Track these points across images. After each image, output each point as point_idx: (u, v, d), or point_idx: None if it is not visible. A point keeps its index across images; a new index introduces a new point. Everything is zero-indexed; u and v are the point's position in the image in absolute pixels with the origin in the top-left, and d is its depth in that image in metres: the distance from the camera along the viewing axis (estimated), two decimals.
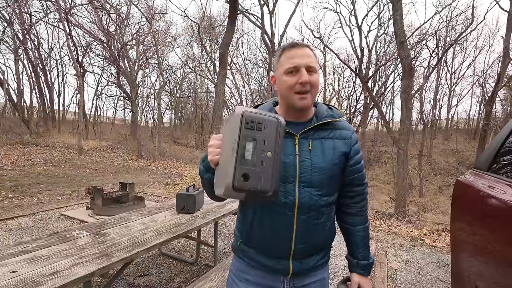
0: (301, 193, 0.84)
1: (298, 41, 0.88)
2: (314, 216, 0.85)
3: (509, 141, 1.56)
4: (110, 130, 20.08)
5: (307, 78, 0.81)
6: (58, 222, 3.78)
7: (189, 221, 2.01)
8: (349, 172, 0.91)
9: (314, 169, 0.84)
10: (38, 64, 15.36)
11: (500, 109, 18.11)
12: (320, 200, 0.85)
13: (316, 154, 0.86)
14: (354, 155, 0.91)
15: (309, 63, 0.83)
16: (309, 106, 0.86)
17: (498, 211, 1.28)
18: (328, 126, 0.90)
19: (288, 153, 0.85)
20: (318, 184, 0.85)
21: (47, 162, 9.56)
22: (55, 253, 1.37)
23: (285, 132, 0.81)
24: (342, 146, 0.89)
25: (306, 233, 0.86)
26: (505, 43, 11.03)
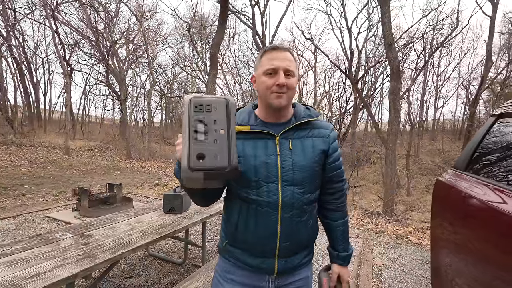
0: (284, 191, 0.86)
1: (280, 45, 0.91)
2: (297, 214, 0.88)
3: (485, 142, 1.63)
4: (99, 130, 19.68)
5: (283, 80, 0.85)
6: (43, 224, 3.69)
7: (176, 221, 2.00)
8: (328, 169, 0.95)
9: (296, 167, 0.87)
10: (22, 61, 14.93)
11: (484, 111, 18.72)
12: (302, 198, 0.88)
13: (297, 153, 0.88)
14: (333, 153, 0.94)
15: (287, 66, 0.86)
16: (285, 106, 0.89)
17: (475, 210, 1.34)
18: (307, 126, 0.93)
19: (269, 154, 0.88)
20: (300, 182, 0.87)
21: (32, 162, 9.31)
22: (37, 255, 1.35)
23: (265, 133, 0.89)
24: (320, 144, 0.92)
25: (290, 231, 0.88)
26: (488, 47, 11.43)
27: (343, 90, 21.45)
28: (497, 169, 1.47)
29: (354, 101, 17.48)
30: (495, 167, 1.50)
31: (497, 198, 1.23)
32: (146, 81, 20.12)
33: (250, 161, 0.87)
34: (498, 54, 17.47)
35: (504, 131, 1.52)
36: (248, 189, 0.88)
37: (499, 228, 1.12)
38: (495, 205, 1.19)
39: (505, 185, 1.27)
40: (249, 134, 0.90)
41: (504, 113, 1.56)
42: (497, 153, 1.52)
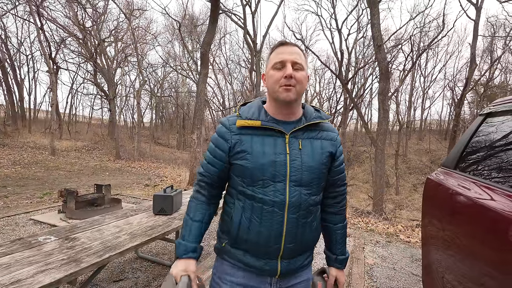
0: (292, 192, 0.85)
1: (288, 40, 0.90)
2: (303, 215, 0.87)
3: (474, 141, 1.66)
4: (87, 130, 19.20)
5: (291, 71, 0.83)
6: (26, 227, 3.55)
7: (166, 223, 1.95)
8: (333, 172, 0.95)
9: (304, 168, 0.86)
10: (5, 59, 14.40)
11: (468, 111, 19.30)
12: (309, 199, 0.87)
13: (306, 153, 0.87)
14: (339, 156, 0.95)
15: (295, 59, 0.84)
16: (293, 101, 0.86)
17: (464, 207, 1.35)
18: (316, 127, 0.92)
19: (279, 152, 0.85)
20: (308, 183, 0.86)
21: (16, 163, 8.98)
22: (18, 260, 1.28)
23: (275, 130, 0.87)
24: (329, 147, 0.92)
25: (295, 232, 0.87)
26: (472, 50, 11.78)
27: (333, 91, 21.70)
28: (485, 167, 1.50)
29: (344, 102, 17.71)
30: (483, 165, 1.52)
31: (485, 195, 1.26)
32: (135, 80, 19.78)
33: (258, 158, 0.84)
34: (481, 57, 18.08)
35: (492, 130, 1.55)
36: (254, 187, 0.85)
37: (487, 225, 1.14)
38: (483, 202, 1.21)
39: (492, 183, 1.29)
40: (259, 130, 0.87)
41: (492, 112, 1.59)
42: (485, 152, 1.55)
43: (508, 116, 1.44)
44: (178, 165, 12.01)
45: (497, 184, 1.26)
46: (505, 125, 1.44)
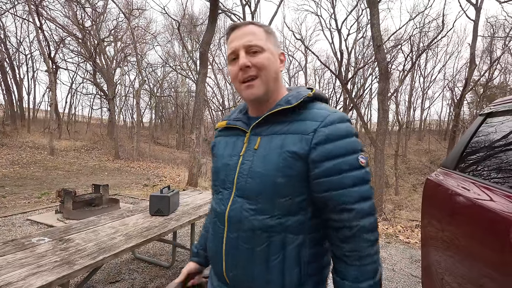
0: (233, 203, 0.68)
1: (241, 22, 0.72)
2: (245, 238, 0.65)
3: (474, 141, 1.64)
4: (86, 130, 19.16)
5: (244, 60, 0.66)
6: (23, 227, 3.53)
7: (162, 224, 1.93)
8: (315, 186, 0.64)
9: (250, 174, 0.66)
10: (4, 58, 14.37)
11: (468, 112, 19.31)
12: (252, 218, 0.65)
13: (260, 154, 0.67)
14: (323, 160, 0.62)
15: (248, 41, 0.67)
16: (260, 96, 0.68)
17: (463, 208, 1.34)
18: (287, 118, 0.68)
19: (234, 153, 0.71)
20: (252, 196, 0.65)
21: (14, 163, 8.95)
22: (9, 262, 1.26)
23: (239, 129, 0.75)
24: (292, 144, 0.64)
25: (236, 259, 0.67)
26: (472, 50, 11.78)
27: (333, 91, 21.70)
28: (485, 168, 1.48)
29: (344, 102, 17.70)
30: (483, 166, 1.51)
31: (485, 196, 1.24)
32: (135, 80, 19.77)
33: (217, 161, 0.76)
34: (481, 57, 18.08)
35: (492, 130, 1.53)
36: (212, 194, 0.78)
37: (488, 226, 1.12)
38: (483, 202, 1.20)
39: (492, 183, 1.27)
40: (227, 130, 0.78)
41: (492, 112, 1.57)
42: (486, 152, 1.53)
43: (508, 116, 1.42)
44: (177, 165, 11.99)
45: (497, 184, 1.24)
46: (505, 125, 1.43)
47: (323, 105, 0.70)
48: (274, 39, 0.72)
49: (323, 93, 0.76)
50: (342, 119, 0.65)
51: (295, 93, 0.71)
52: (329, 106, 0.71)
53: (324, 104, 0.73)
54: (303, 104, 0.68)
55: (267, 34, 0.70)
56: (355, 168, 0.62)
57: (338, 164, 0.62)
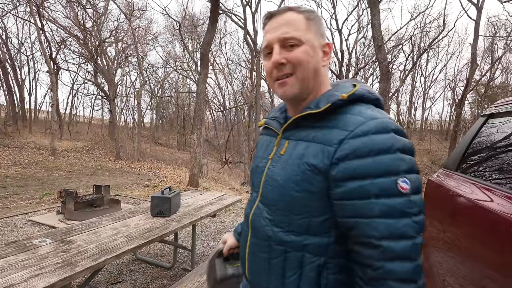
0: (256, 208, 0.66)
1: (279, 8, 0.63)
2: (262, 246, 0.62)
3: (475, 142, 1.63)
4: (87, 130, 19.20)
5: (277, 57, 0.58)
6: (24, 228, 3.54)
7: (164, 225, 1.93)
8: (337, 208, 0.53)
9: (271, 181, 0.62)
10: (6, 59, 14.41)
11: (469, 112, 19.25)
12: (268, 228, 0.60)
13: (284, 160, 0.61)
14: (345, 179, 0.51)
15: (283, 34, 0.58)
16: (295, 95, 0.61)
17: (465, 209, 1.34)
18: (317, 122, 0.59)
19: (265, 155, 0.68)
20: (271, 204, 0.61)
21: (16, 164, 8.98)
22: (11, 264, 1.26)
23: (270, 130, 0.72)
24: (313, 155, 0.55)
25: (254, 265, 0.65)
26: (473, 50, 11.74)
27: None
28: (487, 169, 1.48)
29: None
30: (485, 167, 1.50)
31: (487, 197, 1.24)
32: (136, 80, 19.80)
33: (253, 163, 0.74)
34: (482, 57, 18.03)
35: (494, 131, 1.53)
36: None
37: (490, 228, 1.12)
38: (484, 204, 1.20)
39: (494, 184, 1.27)
40: (265, 129, 0.75)
41: (493, 113, 1.57)
42: (487, 153, 1.53)
43: (510, 117, 1.42)
44: (178, 166, 11.99)
45: (499, 186, 1.24)
46: (507, 126, 1.42)
47: (363, 109, 0.56)
48: (317, 27, 0.61)
49: (369, 90, 0.61)
50: (381, 128, 0.51)
51: (330, 93, 0.60)
52: (373, 110, 0.56)
53: (367, 107, 0.58)
54: (335, 108, 0.57)
55: (308, 22, 0.60)
56: (389, 195, 0.48)
57: (365, 186, 0.49)
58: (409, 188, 0.49)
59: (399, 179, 0.49)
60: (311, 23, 0.60)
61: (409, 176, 0.50)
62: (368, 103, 0.60)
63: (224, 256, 0.88)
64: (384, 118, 0.53)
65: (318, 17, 0.62)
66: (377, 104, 0.61)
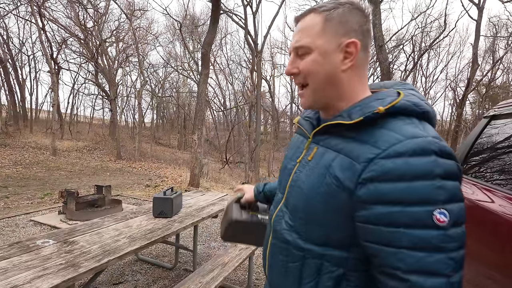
0: (280, 210, 0.65)
1: (303, 12, 0.59)
2: (281, 249, 0.61)
3: (478, 144, 1.63)
4: (88, 130, 19.23)
5: (288, 67, 0.59)
6: (26, 228, 3.55)
7: (166, 226, 1.94)
8: (361, 231, 0.49)
9: (295, 187, 0.60)
10: (7, 59, 14.44)
11: (470, 112, 19.23)
12: (287, 233, 0.59)
13: (310, 167, 0.58)
14: (372, 202, 0.46)
15: (295, 43, 0.57)
16: (313, 107, 0.60)
17: (468, 211, 1.34)
18: (348, 132, 0.54)
19: (295, 157, 0.65)
20: (293, 209, 0.60)
21: (17, 164, 8.99)
22: (15, 265, 1.27)
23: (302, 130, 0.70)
24: (340, 169, 0.51)
25: (273, 266, 0.65)
26: (474, 50, 11.73)
27: None
28: (490, 170, 1.48)
29: None
30: (488, 168, 1.50)
31: (490, 198, 1.24)
32: (136, 80, 19.81)
33: (283, 161, 0.73)
34: (483, 57, 18.00)
35: (497, 133, 1.53)
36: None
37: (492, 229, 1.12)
38: (486, 205, 1.20)
39: (497, 186, 1.27)
40: (298, 129, 0.72)
41: (496, 114, 1.57)
42: (490, 154, 1.52)
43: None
44: (179, 166, 12.00)
45: (502, 187, 1.24)
46: (510, 128, 1.42)
47: (401, 124, 0.49)
48: (336, 27, 0.54)
49: (416, 102, 0.53)
50: (420, 150, 0.44)
51: (367, 101, 0.55)
52: (415, 126, 0.49)
53: (408, 121, 0.50)
54: (369, 120, 0.51)
55: (325, 24, 0.54)
56: (423, 226, 0.43)
57: (394, 214, 0.44)
58: (447, 221, 0.43)
59: (436, 210, 0.43)
60: (328, 24, 0.55)
61: (449, 206, 0.43)
62: (411, 116, 0.52)
63: (241, 203, 0.94)
64: (426, 137, 0.46)
65: (341, 14, 0.54)
66: (424, 118, 0.53)
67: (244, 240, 0.97)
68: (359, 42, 0.55)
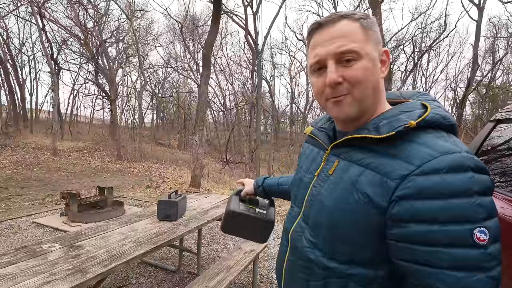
0: (297, 226, 0.62)
1: (328, 17, 0.54)
2: (301, 267, 0.59)
3: (484, 148, 1.63)
4: (88, 131, 19.22)
5: (334, 76, 0.51)
6: (29, 230, 3.54)
7: (171, 229, 1.93)
8: (393, 248, 0.48)
9: (316, 203, 0.58)
10: (7, 59, 14.42)
11: (470, 112, 19.24)
12: (309, 250, 0.57)
13: (332, 182, 0.56)
14: (407, 220, 0.45)
15: (339, 48, 0.51)
16: (352, 116, 0.55)
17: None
18: (374, 145, 0.52)
19: (311, 169, 0.63)
20: (314, 226, 0.57)
21: (18, 164, 8.98)
22: (23, 270, 1.26)
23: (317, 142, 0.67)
24: (370, 185, 0.49)
25: (291, 282, 0.63)
26: (474, 50, 11.74)
27: None
28: (496, 175, 1.48)
29: None
30: (495, 172, 1.50)
31: (499, 204, 1.24)
32: (136, 80, 19.77)
33: (296, 171, 0.71)
34: (483, 58, 18.01)
35: (503, 137, 1.53)
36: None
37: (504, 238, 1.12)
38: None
39: (506, 191, 1.27)
40: (312, 139, 0.69)
41: (502, 118, 1.57)
42: (496, 159, 1.52)
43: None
44: (180, 166, 11.98)
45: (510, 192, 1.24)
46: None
47: (432, 138, 0.48)
48: (374, 34, 0.54)
49: (444, 115, 0.52)
50: (456, 166, 0.43)
51: (393, 114, 0.53)
52: (446, 140, 0.48)
53: (438, 135, 0.49)
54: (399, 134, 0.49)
55: (366, 31, 0.53)
56: (463, 246, 0.42)
57: (433, 233, 0.43)
58: (487, 239, 0.41)
59: (476, 229, 0.41)
60: (369, 31, 0.53)
61: (488, 223, 0.42)
62: (440, 129, 0.51)
63: (240, 196, 1.01)
64: (460, 153, 0.45)
65: (373, 22, 0.55)
66: (451, 130, 0.52)
67: (242, 233, 0.99)
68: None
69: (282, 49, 24.58)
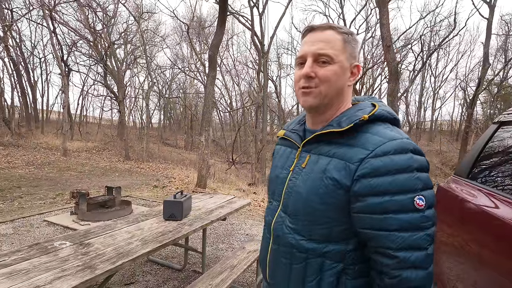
0: (278, 217, 0.71)
1: (320, 24, 0.66)
2: (284, 253, 0.68)
3: (487, 150, 1.63)
4: (97, 131, 19.57)
5: (308, 70, 0.63)
6: (40, 228, 3.66)
7: (176, 228, 1.98)
8: (356, 220, 0.59)
9: (293, 193, 0.67)
10: (20, 62, 14.81)
11: (481, 112, 18.84)
12: (290, 236, 0.66)
13: (305, 173, 0.66)
14: (366, 195, 0.56)
15: (319, 50, 0.63)
16: (314, 106, 0.66)
17: (476, 216, 1.34)
18: (337, 139, 0.63)
19: (286, 166, 0.73)
20: (293, 214, 0.67)
21: (29, 164, 9.23)
22: (36, 266, 1.33)
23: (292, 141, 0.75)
24: (336, 170, 0.60)
25: (276, 270, 0.71)
26: (485, 49, 11.50)
27: None
28: (498, 177, 1.48)
29: None
30: (497, 175, 1.50)
31: (499, 205, 1.24)
32: (144, 81, 20.05)
33: (271, 171, 0.80)
34: (495, 56, 17.64)
35: (506, 139, 1.52)
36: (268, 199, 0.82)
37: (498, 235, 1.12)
38: (495, 212, 1.20)
39: (507, 193, 1.27)
40: (284, 140, 0.79)
41: (505, 121, 1.56)
42: (499, 161, 1.52)
43: None
44: (186, 166, 12.12)
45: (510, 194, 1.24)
46: None
47: (381, 128, 0.61)
48: (351, 49, 0.66)
49: (389, 111, 0.66)
50: (400, 149, 0.56)
51: (351, 112, 0.65)
52: (391, 130, 0.61)
53: (385, 126, 0.62)
54: (356, 127, 0.61)
55: (345, 44, 0.65)
56: (407, 211, 0.53)
57: (384, 203, 0.54)
58: (424, 205, 0.54)
59: (416, 197, 0.54)
60: (347, 45, 0.65)
61: (425, 193, 0.55)
62: (386, 122, 0.64)
63: None
64: (402, 139, 0.58)
65: (356, 40, 0.67)
66: (395, 123, 0.66)
67: None
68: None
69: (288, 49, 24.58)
